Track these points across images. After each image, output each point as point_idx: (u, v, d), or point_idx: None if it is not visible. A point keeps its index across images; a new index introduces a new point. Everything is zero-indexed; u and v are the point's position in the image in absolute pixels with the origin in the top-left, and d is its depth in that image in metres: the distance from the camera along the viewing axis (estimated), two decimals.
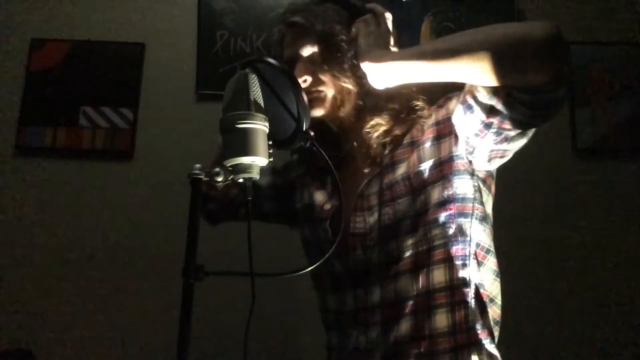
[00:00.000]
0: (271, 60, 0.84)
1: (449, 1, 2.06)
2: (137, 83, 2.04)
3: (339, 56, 0.93)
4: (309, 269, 0.87)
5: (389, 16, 0.94)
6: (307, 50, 0.96)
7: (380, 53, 0.87)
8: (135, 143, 2.01)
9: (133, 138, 2.01)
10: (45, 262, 1.93)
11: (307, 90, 0.92)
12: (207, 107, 2.03)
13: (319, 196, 1.03)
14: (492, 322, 0.90)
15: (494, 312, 0.92)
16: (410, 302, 0.88)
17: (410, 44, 0.87)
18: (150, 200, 1.97)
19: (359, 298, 0.94)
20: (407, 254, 0.89)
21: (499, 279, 0.94)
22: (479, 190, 0.91)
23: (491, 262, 0.93)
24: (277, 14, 1.94)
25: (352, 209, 0.95)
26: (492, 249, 0.94)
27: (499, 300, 0.93)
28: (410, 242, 0.90)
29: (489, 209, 0.95)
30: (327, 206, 1.00)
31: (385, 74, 0.85)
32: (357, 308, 0.94)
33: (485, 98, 0.79)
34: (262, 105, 0.78)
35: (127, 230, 1.96)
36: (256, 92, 0.78)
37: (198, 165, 0.70)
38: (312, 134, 0.84)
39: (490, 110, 0.80)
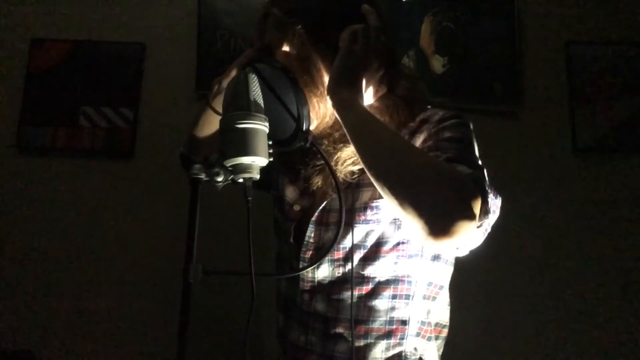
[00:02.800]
0: (271, 60, 0.84)
1: (449, 1, 2.06)
2: (137, 83, 2.04)
3: (313, 73, 0.86)
4: (309, 268, 0.88)
5: (378, 25, 0.86)
6: (281, 51, 0.88)
7: (344, 97, 0.80)
8: (135, 143, 2.01)
9: (133, 138, 2.01)
10: (45, 262, 1.93)
11: None
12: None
13: (290, 192, 1.00)
14: (437, 348, 0.96)
15: (445, 333, 0.99)
16: (351, 325, 0.90)
17: (409, 44, 0.86)
18: (150, 200, 1.97)
19: (305, 301, 0.95)
20: (354, 280, 0.91)
21: (449, 307, 1.00)
22: None
23: (444, 296, 0.97)
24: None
25: (311, 218, 0.94)
26: (445, 284, 0.97)
27: (448, 323, 1.00)
28: (357, 270, 0.91)
29: None
30: (297, 207, 0.98)
31: (337, 115, 0.82)
32: (301, 309, 0.95)
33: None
34: (262, 105, 0.78)
35: (127, 230, 1.96)
36: (256, 92, 0.78)
37: (198, 165, 0.70)
38: (312, 134, 0.84)
39: None
